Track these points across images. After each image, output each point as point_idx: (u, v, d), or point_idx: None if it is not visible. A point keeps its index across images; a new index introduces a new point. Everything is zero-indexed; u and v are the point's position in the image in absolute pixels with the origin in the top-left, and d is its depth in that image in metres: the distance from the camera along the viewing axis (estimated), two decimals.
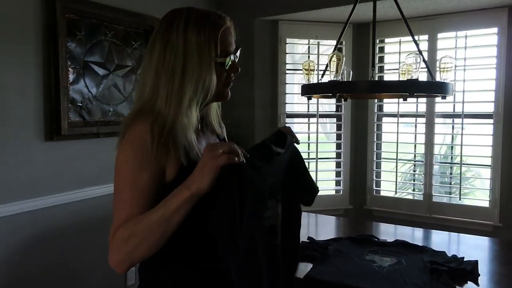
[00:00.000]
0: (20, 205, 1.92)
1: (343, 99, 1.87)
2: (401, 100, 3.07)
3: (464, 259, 1.59)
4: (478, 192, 3.85)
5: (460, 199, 3.06)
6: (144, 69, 0.97)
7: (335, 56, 1.47)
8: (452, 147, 3.16)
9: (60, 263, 2.12)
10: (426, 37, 3.05)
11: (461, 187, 3.03)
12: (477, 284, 1.42)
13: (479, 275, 1.46)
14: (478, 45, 2.91)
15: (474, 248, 1.90)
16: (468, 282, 1.43)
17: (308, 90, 1.56)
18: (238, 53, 1.01)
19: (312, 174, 2.37)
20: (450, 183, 3.27)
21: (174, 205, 0.84)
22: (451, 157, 3.26)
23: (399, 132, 3.18)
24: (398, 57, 3.13)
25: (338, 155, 3.44)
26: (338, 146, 3.44)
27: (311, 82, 1.75)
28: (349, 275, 1.48)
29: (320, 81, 1.84)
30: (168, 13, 0.98)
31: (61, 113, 2.00)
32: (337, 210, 3.30)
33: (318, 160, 3.25)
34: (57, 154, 2.08)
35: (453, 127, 3.07)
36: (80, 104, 2.14)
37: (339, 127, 3.45)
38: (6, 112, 1.87)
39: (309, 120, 3.37)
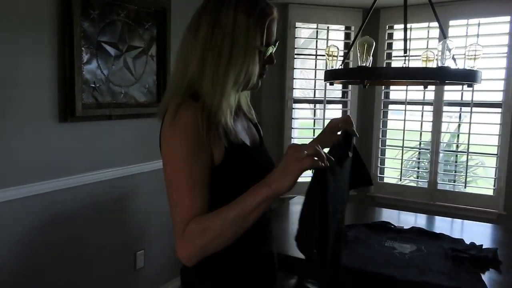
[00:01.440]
0: (34, 187, 1.89)
1: (362, 85, 1.85)
2: (410, 87, 3.09)
3: (483, 247, 1.62)
4: (481, 181, 3.90)
5: (465, 187, 3.09)
6: (187, 44, 0.93)
7: (365, 41, 1.45)
8: (458, 135, 3.17)
9: (71, 245, 2.10)
10: (436, 24, 3.02)
11: (467, 176, 3.06)
12: (499, 271, 1.44)
13: (500, 262, 1.48)
14: (490, 34, 2.90)
15: (484, 235, 1.93)
16: (490, 269, 1.45)
17: (334, 76, 1.54)
18: (276, 46, 0.99)
19: None
20: (455, 171, 3.30)
21: (254, 203, 0.81)
22: (457, 146, 3.28)
23: (406, 120, 3.18)
24: (408, 43, 3.10)
25: None
26: None
27: (333, 68, 1.73)
28: (373, 262, 1.49)
29: (340, 67, 1.81)
30: None
31: (75, 94, 1.95)
32: None
33: None
34: (71, 136, 2.04)
35: (460, 116, 3.09)
36: (93, 85, 2.09)
37: (344, 114, 3.44)
38: (21, 93, 1.82)
39: (315, 106, 3.37)
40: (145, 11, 2.37)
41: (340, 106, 3.46)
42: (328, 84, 1.73)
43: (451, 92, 3.07)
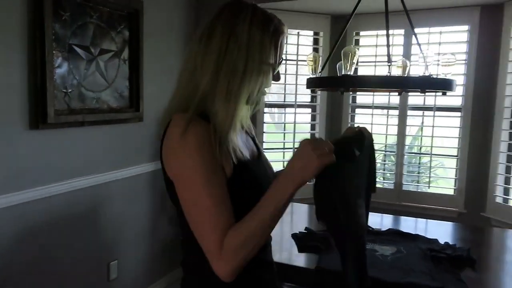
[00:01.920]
0: (2, 199, 1.77)
1: (340, 92, 1.90)
2: (376, 92, 3.21)
3: (456, 247, 1.71)
4: (441, 181, 4.12)
5: (429, 188, 3.26)
6: (196, 55, 0.91)
7: (348, 50, 1.49)
8: (421, 138, 3.33)
9: (42, 258, 1.99)
10: (402, 31, 3.17)
11: (430, 176, 3.23)
12: (474, 270, 1.53)
13: (475, 261, 1.58)
14: (450, 42, 3.08)
15: (450, 234, 2.04)
16: (466, 268, 1.54)
17: (319, 84, 1.57)
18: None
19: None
20: (419, 173, 3.46)
21: (284, 199, 0.83)
22: (420, 148, 3.44)
23: (373, 123, 3.30)
24: (375, 50, 3.23)
25: None
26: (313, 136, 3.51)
27: (314, 75, 1.76)
28: None
29: (319, 74, 1.85)
30: (233, 2, 0.93)
31: (47, 100, 1.85)
32: (310, 199, 3.38)
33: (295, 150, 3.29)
34: (42, 144, 1.94)
35: (423, 120, 3.24)
36: (65, 91, 2.00)
37: (313, 118, 3.51)
38: None
39: (285, 110, 3.41)
40: (118, 13, 2.30)
41: (309, 110, 3.53)
42: (296, 88, 1.76)
43: (415, 97, 3.21)
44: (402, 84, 1.45)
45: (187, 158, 0.84)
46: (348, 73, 1.50)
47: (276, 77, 0.97)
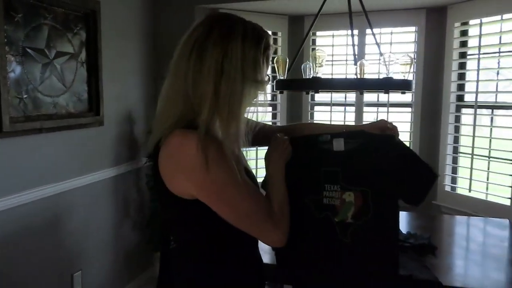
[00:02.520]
0: None
1: (307, 93, 1.96)
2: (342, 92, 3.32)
3: (417, 235, 1.83)
4: None
5: None
6: (191, 73, 0.88)
7: (317, 54, 1.54)
8: None
9: (3, 271, 1.88)
10: (356, 32, 3.29)
11: None
12: (435, 256, 1.65)
13: (436, 248, 1.70)
14: (400, 42, 3.25)
15: (407, 223, 2.18)
16: (429, 255, 1.65)
17: (288, 86, 1.61)
18: None
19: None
20: None
21: (282, 180, 1.03)
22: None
23: (331, 120, 3.42)
24: (332, 49, 3.34)
25: None
26: None
27: (281, 77, 1.80)
28: None
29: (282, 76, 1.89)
30: (222, 17, 0.93)
31: (1, 107, 1.74)
32: None
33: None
34: None
35: (377, 116, 3.40)
36: (20, 96, 1.89)
37: (274, 116, 3.57)
38: None
39: (248, 109, 3.44)
40: (74, 14, 2.20)
41: (270, 108, 3.58)
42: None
43: (370, 94, 3.37)
44: (369, 86, 1.53)
45: (214, 176, 0.86)
46: (317, 75, 1.55)
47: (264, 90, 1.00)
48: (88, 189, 2.40)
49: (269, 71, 1.02)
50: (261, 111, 1.00)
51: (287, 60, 1.74)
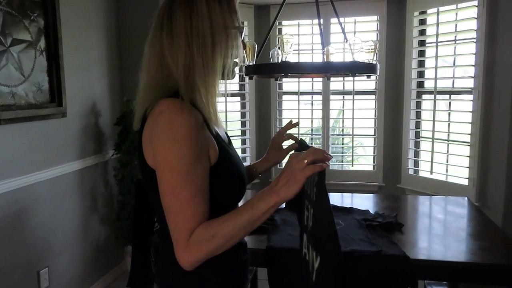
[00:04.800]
0: None
1: (276, 78, 1.98)
2: (302, 78, 3.37)
3: (384, 215, 1.90)
4: (361, 159, 4.47)
5: (352, 166, 3.53)
6: (161, 43, 0.89)
7: (287, 38, 1.56)
8: (343, 120, 3.59)
9: None
10: (321, 21, 3.34)
11: (353, 155, 3.50)
12: (402, 232, 1.73)
13: (403, 225, 1.77)
14: (363, 31, 3.34)
15: (375, 204, 2.26)
16: (396, 232, 1.73)
17: (257, 71, 1.62)
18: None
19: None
20: (342, 153, 3.73)
21: (263, 209, 0.84)
22: (342, 130, 3.70)
23: (299, 109, 3.47)
24: (298, 39, 3.37)
25: (243, 133, 3.59)
26: (243, 124, 3.58)
27: (250, 63, 1.81)
28: None
29: (251, 62, 1.90)
30: None
31: None
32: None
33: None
34: None
35: (343, 103, 3.49)
36: None
37: (243, 106, 3.58)
38: None
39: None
40: (30, 0, 2.10)
41: (238, 98, 3.58)
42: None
43: (335, 82, 3.44)
44: (336, 69, 1.57)
45: (174, 144, 0.82)
46: (286, 59, 1.57)
47: (244, 45, 1.00)
48: (53, 183, 2.32)
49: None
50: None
51: (256, 46, 1.75)
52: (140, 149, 0.91)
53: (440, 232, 1.86)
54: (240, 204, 0.94)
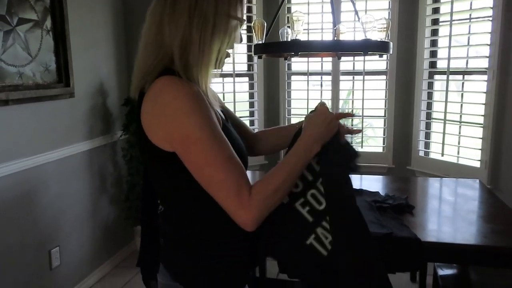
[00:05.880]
0: None
1: (285, 57, 1.94)
2: (311, 58, 3.31)
3: (395, 196, 1.88)
4: (371, 140, 4.42)
5: (362, 147, 3.50)
6: (167, 13, 0.88)
7: (296, 15, 1.51)
8: (352, 101, 3.53)
9: None
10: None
11: (363, 137, 3.46)
12: (412, 214, 1.71)
13: (413, 207, 1.75)
14: (374, 9, 3.24)
15: (385, 186, 2.24)
16: (407, 213, 1.71)
17: (267, 49, 1.58)
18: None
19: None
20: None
21: (308, 157, 0.91)
22: (352, 111, 3.65)
23: (308, 89, 3.42)
24: (307, 18, 3.29)
25: (252, 114, 3.56)
26: (251, 105, 3.55)
27: (259, 42, 1.77)
28: None
29: (260, 41, 1.85)
30: None
31: None
32: (254, 166, 3.46)
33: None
34: None
35: (353, 84, 3.42)
36: None
37: (251, 86, 3.53)
38: None
39: (223, 80, 3.38)
40: None
41: (246, 79, 3.54)
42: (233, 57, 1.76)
43: (345, 63, 3.37)
44: (348, 47, 1.52)
45: (188, 117, 0.81)
46: (296, 38, 1.53)
47: (241, 38, 0.98)
48: (62, 163, 2.33)
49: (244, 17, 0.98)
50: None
51: (265, 24, 1.71)
52: (141, 132, 0.89)
53: (451, 214, 1.84)
54: None
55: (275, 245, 1.02)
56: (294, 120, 3.69)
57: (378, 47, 1.52)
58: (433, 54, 3.10)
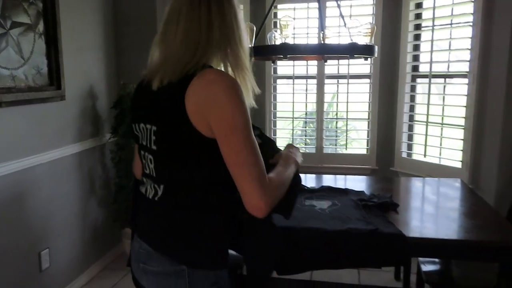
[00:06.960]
0: None
1: (273, 60, 2.00)
2: (297, 62, 3.39)
3: (380, 195, 1.96)
4: (355, 142, 4.52)
5: (346, 149, 3.58)
6: (204, 18, 0.97)
7: (285, 20, 1.57)
8: (337, 104, 3.61)
9: None
10: (316, 5, 3.34)
11: (347, 139, 3.55)
12: (396, 212, 1.78)
13: (398, 205, 1.83)
14: (359, 14, 3.34)
15: (369, 186, 2.32)
16: (391, 211, 1.78)
17: (257, 52, 1.64)
18: None
19: None
20: (336, 136, 3.77)
21: (292, 172, 1.12)
22: (336, 113, 3.73)
23: (294, 93, 3.49)
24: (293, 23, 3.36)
25: None
26: None
27: (249, 45, 1.82)
28: (302, 219, 1.68)
29: (252, 45, 1.91)
30: None
31: None
32: None
33: None
34: None
35: (337, 87, 3.51)
36: None
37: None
38: None
39: None
40: None
41: None
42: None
43: (330, 66, 3.46)
44: (336, 50, 1.59)
45: (239, 106, 0.92)
46: (285, 41, 1.59)
47: None
48: (52, 165, 2.33)
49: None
50: None
51: (254, 28, 1.76)
52: (183, 120, 0.94)
53: (434, 212, 1.92)
54: None
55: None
56: (279, 123, 3.75)
57: (365, 50, 1.59)
58: (416, 58, 3.21)
